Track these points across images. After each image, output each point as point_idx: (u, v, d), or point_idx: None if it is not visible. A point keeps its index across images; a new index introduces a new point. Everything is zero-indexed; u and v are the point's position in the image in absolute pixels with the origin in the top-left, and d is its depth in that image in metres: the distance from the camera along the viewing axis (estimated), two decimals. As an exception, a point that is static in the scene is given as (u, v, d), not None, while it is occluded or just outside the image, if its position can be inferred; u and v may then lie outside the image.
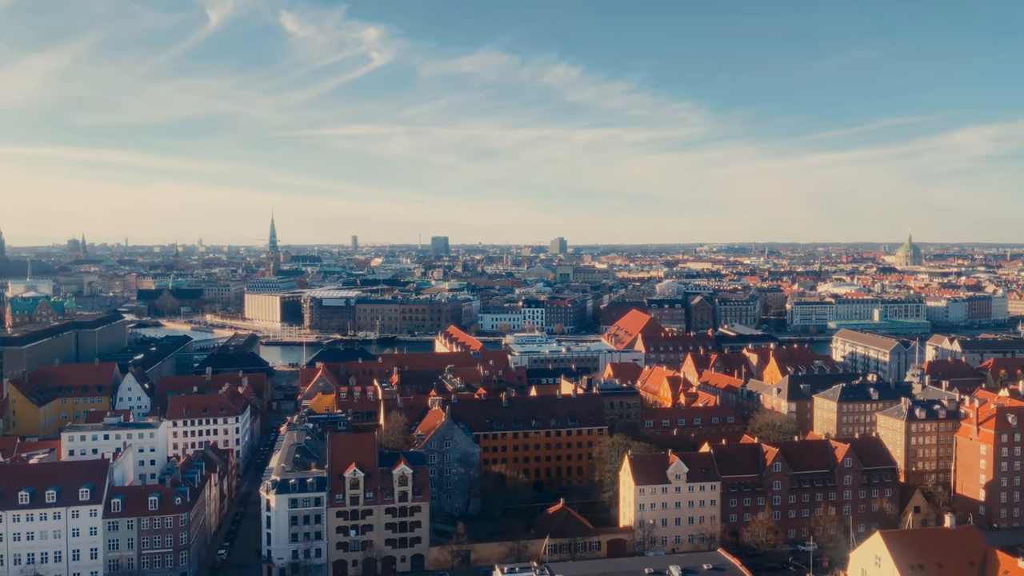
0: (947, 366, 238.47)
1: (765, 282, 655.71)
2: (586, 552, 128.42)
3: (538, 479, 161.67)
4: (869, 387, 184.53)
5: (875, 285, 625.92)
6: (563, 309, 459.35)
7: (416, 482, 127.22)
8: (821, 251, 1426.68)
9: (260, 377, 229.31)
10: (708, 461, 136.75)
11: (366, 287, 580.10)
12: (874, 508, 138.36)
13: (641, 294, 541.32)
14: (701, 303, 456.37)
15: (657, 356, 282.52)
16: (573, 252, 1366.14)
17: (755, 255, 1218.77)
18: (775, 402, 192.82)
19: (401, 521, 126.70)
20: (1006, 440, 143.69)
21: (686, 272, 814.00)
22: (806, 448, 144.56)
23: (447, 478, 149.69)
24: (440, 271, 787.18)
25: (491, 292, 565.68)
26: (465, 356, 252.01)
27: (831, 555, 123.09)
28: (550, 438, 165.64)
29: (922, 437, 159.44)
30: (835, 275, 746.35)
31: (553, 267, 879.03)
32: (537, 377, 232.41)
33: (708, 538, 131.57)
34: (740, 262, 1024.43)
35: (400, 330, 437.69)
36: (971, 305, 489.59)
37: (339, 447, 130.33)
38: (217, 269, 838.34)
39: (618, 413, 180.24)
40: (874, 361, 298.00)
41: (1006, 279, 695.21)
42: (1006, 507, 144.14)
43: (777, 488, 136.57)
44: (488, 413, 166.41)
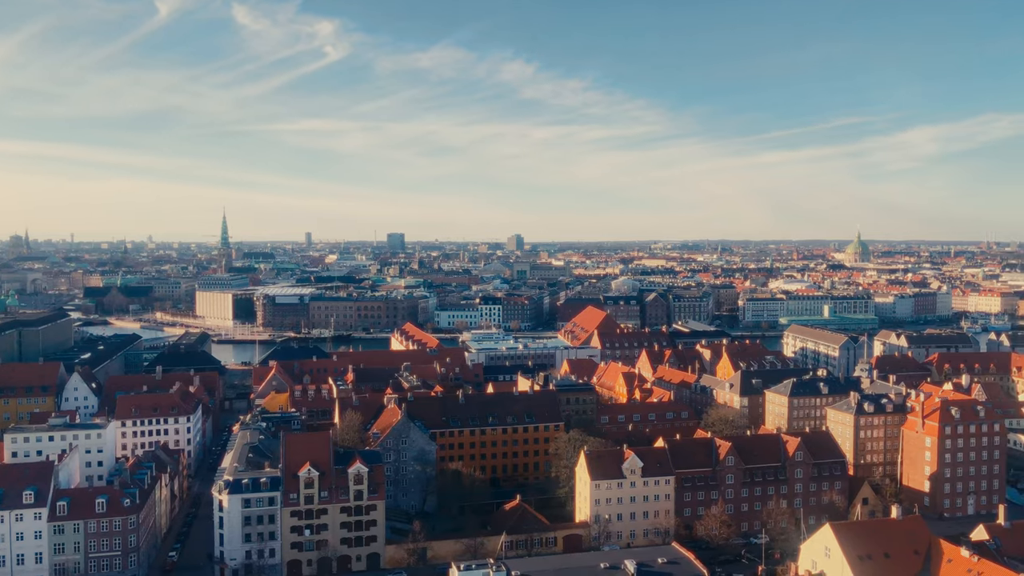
0: (894, 361, 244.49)
1: (718, 279, 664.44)
2: (542, 548, 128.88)
3: (495, 476, 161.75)
4: (819, 382, 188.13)
5: (825, 282, 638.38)
6: (520, 306, 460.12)
7: (372, 480, 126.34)
8: (773, 248, 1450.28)
9: (212, 376, 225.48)
10: (662, 456, 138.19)
11: (320, 284, 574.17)
12: (824, 500, 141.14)
13: (597, 291, 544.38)
14: (656, 300, 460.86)
15: (613, 352, 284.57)
16: (530, 249, 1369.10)
17: (709, 252, 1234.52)
18: (728, 397, 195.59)
19: (356, 520, 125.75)
20: (949, 432, 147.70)
21: (641, 269, 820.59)
22: (758, 442, 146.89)
23: (403, 476, 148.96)
24: (396, 268, 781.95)
25: (448, 289, 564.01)
26: (421, 354, 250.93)
27: (783, 547, 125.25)
28: (507, 435, 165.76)
29: (870, 430, 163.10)
30: (786, 272, 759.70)
31: (510, 264, 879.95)
32: (494, 374, 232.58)
33: (663, 532, 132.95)
34: (694, 259, 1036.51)
35: (355, 328, 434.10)
36: (917, 301, 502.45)
37: (293, 446, 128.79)
38: (167, 266, 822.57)
39: (574, 409, 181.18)
40: (824, 356, 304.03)
41: (950, 276, 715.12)
42: (949, 497, 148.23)
43: (730, 482, 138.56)
44: (445, 410, 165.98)
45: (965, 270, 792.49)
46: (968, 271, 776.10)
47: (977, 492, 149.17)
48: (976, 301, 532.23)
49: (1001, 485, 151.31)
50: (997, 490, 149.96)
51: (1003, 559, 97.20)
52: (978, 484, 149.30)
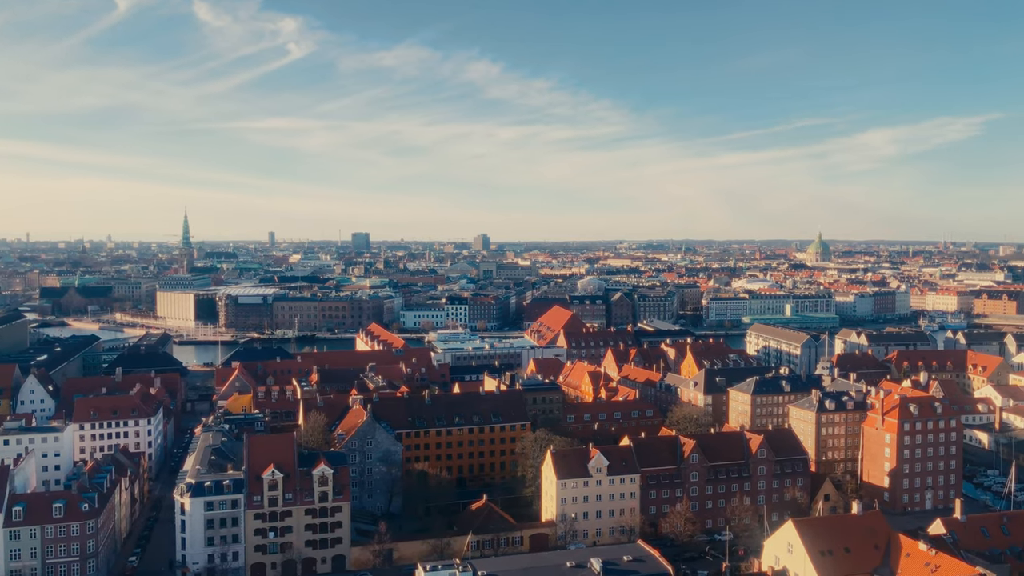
0: (855, 359, 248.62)
1: (682, 278, 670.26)
2: (509, 547, 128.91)
3: (461, 476, 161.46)
4: (781, 380, 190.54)
5: (787, 281, 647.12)
6: (486, 306, 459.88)
7: (337, 482, 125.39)
8: (736, 248, 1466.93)
9: (173, 377, 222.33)
10: (628, 454, 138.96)
11: (284, 284, 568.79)
12: (787, 497, 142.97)
13: (563, 290, 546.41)
14: (621, 299, 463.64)
15: (579, 351, 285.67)
16: (496, 249, 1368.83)
17: (673, 252, 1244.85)
18: (692, 395, 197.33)
19: (322, 522, 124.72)
20: (908, 429, 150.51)
21: (607, 269, 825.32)
22: (722, 440, 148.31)
23: (369, 477, 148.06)
24: (361, 268, 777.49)
25: (413, 289, 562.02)
26: (387, 354, 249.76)
27: (746, 543, 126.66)
28: (473, 435, 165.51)
29: (831, 427, 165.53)
30: (749, 271, 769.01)
31: (476, 264, 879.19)
32: (460, 374, 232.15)
33: (628, 530, 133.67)
34: (659, 259, 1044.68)
35: (320, 328, 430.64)
36: (877, 300, 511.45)
37: (257, 448, 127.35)
38: (127, 266, 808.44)
39: (541, 408, 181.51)
40: (786, 354, 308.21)
41: (909, 275, 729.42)
42: (908, 492, 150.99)
43: (694, 479, 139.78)
44: (411, 411, 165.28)
45: (923, 270, 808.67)
46: (926, 271, 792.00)
47: (935, 487, 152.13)
48: (934, 300, 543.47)
49: (958, 480, 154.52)
50: (954, 485, 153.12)
51: (959, 552, 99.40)
52: (936, 479, 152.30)
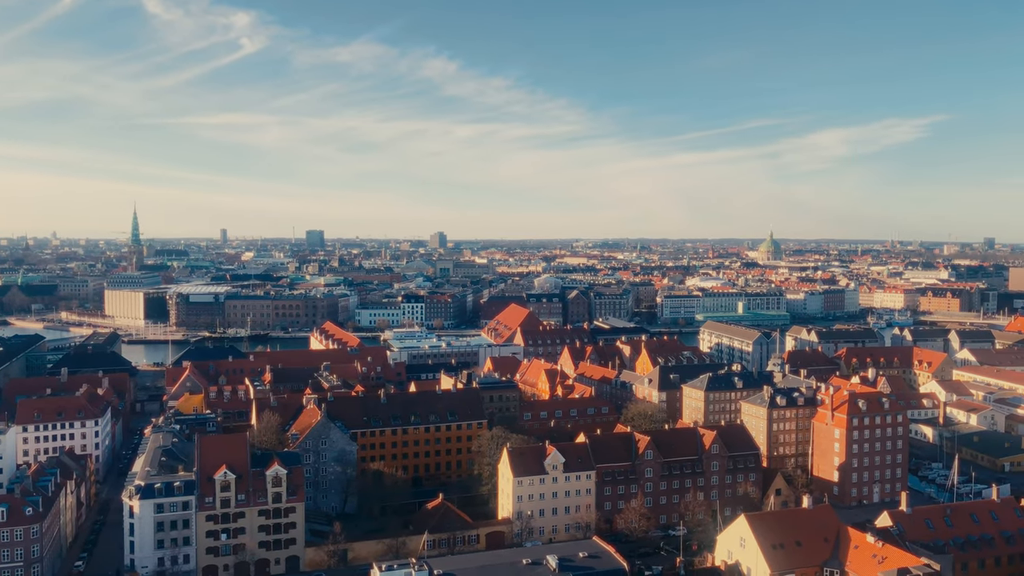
0: (805, 355, 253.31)
1: (637, 276, 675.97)
2: (465, 546, 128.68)
3: (417, 475, 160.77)
4: (734, 376, 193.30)
5: (739, 279, 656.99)
6: (443, 304, 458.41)
7: (291, 482, 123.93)
8: (690, 247, 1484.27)
9: (122, 378, 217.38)
10: (584, 451, 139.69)
11: (237, 282, 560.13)
12: (739, 492, 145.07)
13: (520, 288, 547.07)
14: (578, 297, 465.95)
15: (536, 349, 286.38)
16: (453, 247, 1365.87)
17: (628, 250, 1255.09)
18: (647, 392, 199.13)
19: (275, 523, 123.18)
20: (857, 424, 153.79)
21: (563, 267, 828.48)
22: (676, 436, 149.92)
23: (323, 477, 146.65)
24: (315, 266, 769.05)
25: (369, 287, 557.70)
26: (342, 353, 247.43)
27: (700, 538, 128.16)
28: (429, 434, 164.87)
29: (782, 423, 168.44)
30: (702, 270, 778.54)
31: (433, 262, 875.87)
32: (417, 373, 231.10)
33: (584, 526, 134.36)
34: (614, 257, 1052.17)
35: (273, 327, 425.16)
36: (827, 298, 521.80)
37: (208, 449, 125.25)
38: (73, 264, 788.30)
39: (497, 407, 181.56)
40: (738, 351, 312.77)
41: (857, 273, 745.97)
42: (856, 486, 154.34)
43: (649, 475, 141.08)
44: (366, 410, 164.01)
45: (871, 268, 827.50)
46: (874, 269, 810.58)
47: (882, 481, 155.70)
48: (881, 298, 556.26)
49: (904, 473, 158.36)
50: (900, 478, 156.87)
51: (905, 544, 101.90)
52: (883, 473, 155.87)
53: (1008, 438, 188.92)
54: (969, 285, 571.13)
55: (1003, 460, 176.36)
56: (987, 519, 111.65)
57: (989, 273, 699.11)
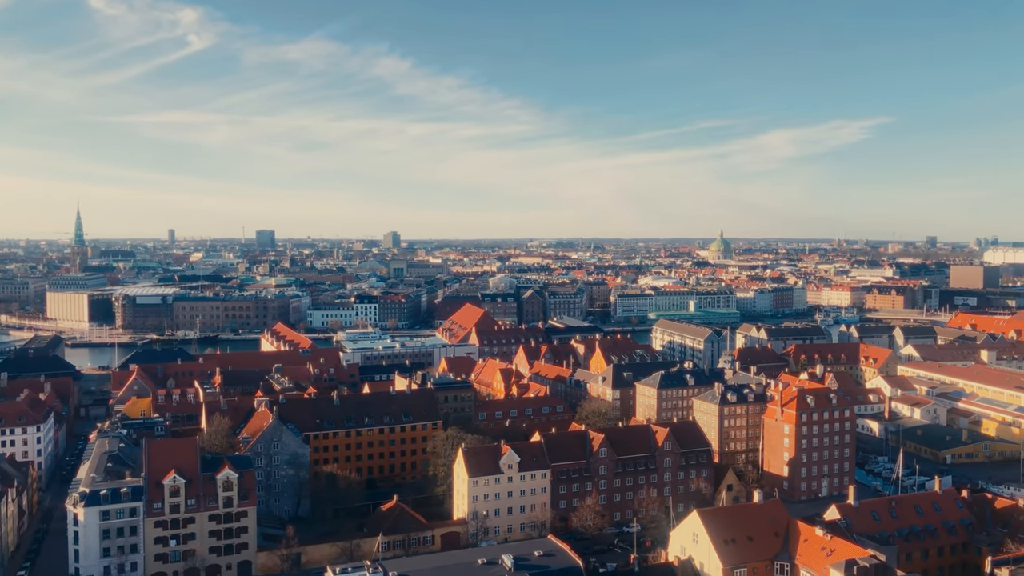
0: (755, 353, 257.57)
1: (591, 276, 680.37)
2: (420, 547, 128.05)
3: (371, 477, 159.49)
4: (686, 374, 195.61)
5: (691, 278, 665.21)
6: (397, 304, 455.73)
7: (242, 486, 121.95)
8: (642, 246, 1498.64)
9: (65, 382, 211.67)
10: (539, 450, 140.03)
11: (185, 283, 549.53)
12: (692, 488, 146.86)
13: (475, 288, 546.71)
14: (532, 296, 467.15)
15: (491, 349, 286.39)
16: (407, 247, 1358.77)
17: (582, 250, 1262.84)
18: (601, 390, 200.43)
19: (226, 527, 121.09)
20: (805, 419, 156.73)
21: (518, 266, 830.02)
22: (629, 433, 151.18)
23: (276, 481, 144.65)
24: (266, 266, 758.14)
25: (321, 288, 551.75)
26: (294, 354, 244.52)
27: (653, 535, 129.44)
28: (383, 435, 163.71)
29: (733, 419, 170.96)
30: (655, 269, 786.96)
31: (386, 262, 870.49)
32: (370, 374, 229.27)
33: (539, 525, 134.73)
34: (568, 257, 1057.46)
35: (223, 329, 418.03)
36: (776, 296, 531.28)
37: (157, 453, 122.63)
38: (13, 265, 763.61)
39: (452, 407, 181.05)
40: (690, 349, 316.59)
41: (805, 272, 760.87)
42: (805, 481, 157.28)
43: (603, 473, 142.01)
44: (318, 412, 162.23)
45: (819, 266, 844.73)
46: (821, 267, 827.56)
47: (830, 475, 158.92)
48: (829, 295, 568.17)
49: (851, 467, 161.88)
50: (848, 472, 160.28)
51: (853, 536, 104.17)
52: (831, 467, 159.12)
53: (949, 431, 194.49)
54: (912, 283, 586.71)
55: (945, 453, 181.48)
56: (930, 510, 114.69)
57: (931, 271, 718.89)
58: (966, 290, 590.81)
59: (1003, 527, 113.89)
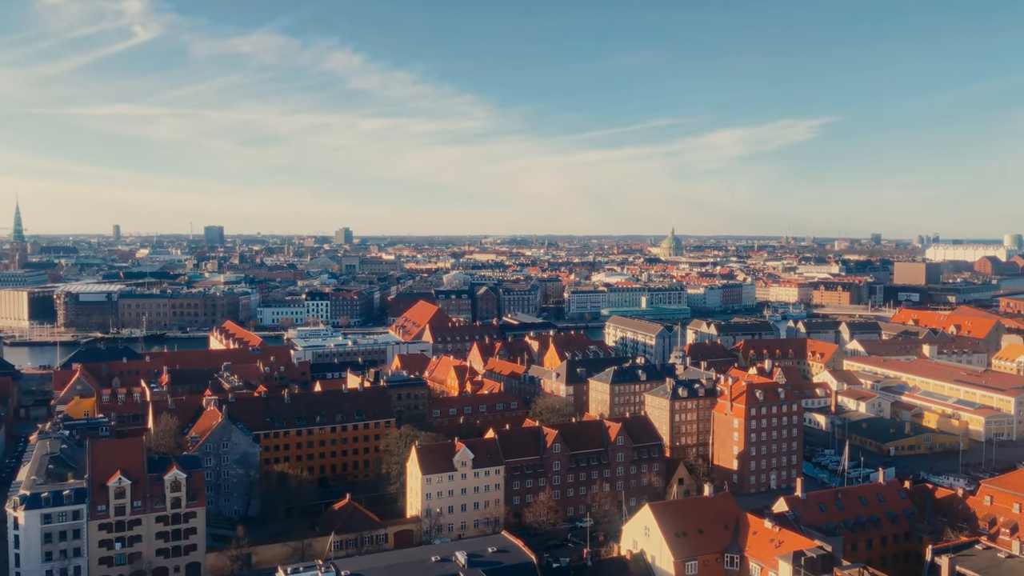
0: (705, 348, 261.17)
1: (545, 272, 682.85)
2: (373, 545, 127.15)
3: (324, 476, 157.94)
4: (638, 369, 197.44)
5: (643, 275, 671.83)
6: (349, 301, 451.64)
7: (190, 487, 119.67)
8: (595, 243, 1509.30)
9: (4, 382, 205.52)
10: (492, 446, 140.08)
11: (131, 280, 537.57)
12: (644, 482, 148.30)
13: (429, 285, 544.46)
14: (486, 293, 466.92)
15: (445, 346, 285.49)
16: (359, 243, 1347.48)
17: (536, 247, 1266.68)
18: (555, 386, 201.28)
19: (174, 529, 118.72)
20: (754, 414, 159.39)
21: (472, 263, 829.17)
22: (582, 429, 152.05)
23: (225, 480, 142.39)
24: (215, 263, 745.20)
25: (272, 285, 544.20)
26: (243, 352, 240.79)
27: (606, 529, 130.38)
28: (335, 433, 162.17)
29: (684, 414, 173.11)
30: (607, 265, 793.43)
31: (338, 258, 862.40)
32: (322, 372, 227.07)
33: (493, 521, 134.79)
34: (523, 253, 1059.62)
35: (170, 326, 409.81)
36: (725, 292, 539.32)
37: (101, 454, 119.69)
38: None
39: (406, 404, 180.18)
40: (642, 345, 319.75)
41: (754, 268, 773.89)
42: (755, 474, 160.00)
43: (557, 468, 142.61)
44: (269, 411, 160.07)
45: (767, 263, 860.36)
46: (770, 264, 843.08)
47: (779, 468, 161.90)
48: (777, 292, 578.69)
49: (799, 460, 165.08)
50: (795, 465, 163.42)
51: (800, 528, 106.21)
52: (779, 460, 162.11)
53: (893, 424, 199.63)
54: (858, 279, 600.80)
55: (889, 445, 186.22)
56: (874, 501, 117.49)
57: (876, 268, 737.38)
58: (909, 286, 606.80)
59: (943, 516, 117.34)
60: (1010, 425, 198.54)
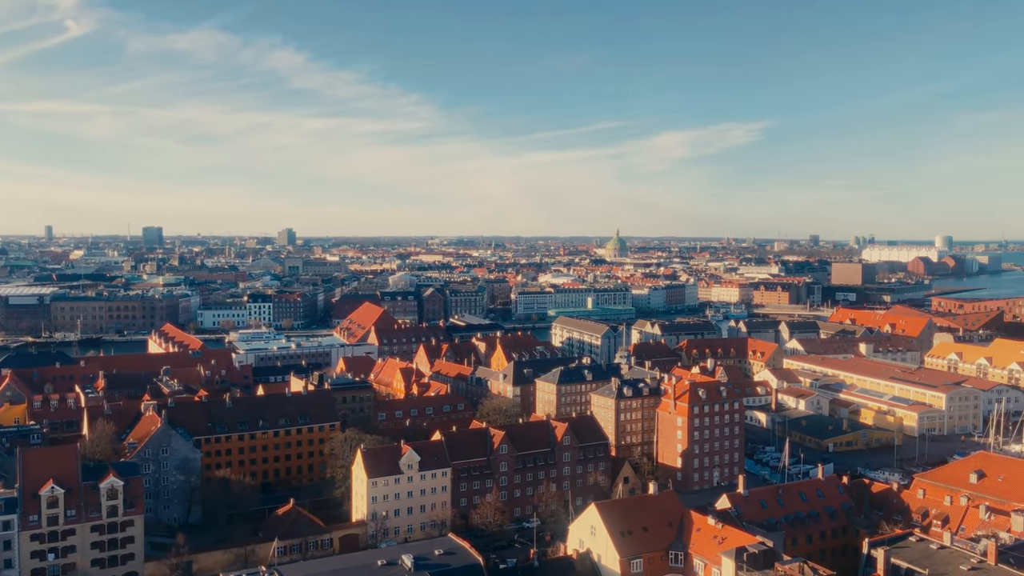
0: (649, 348, 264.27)
1: (492, 273, 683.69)
2: (318, 550, 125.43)
3: (267, 481, 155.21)
4: (584, 369, 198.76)
5: (589, 276, 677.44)
6: (292, 303, 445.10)
7: (128, 494, 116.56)
8: (542, 244, 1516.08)
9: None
10: (439, 448, 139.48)
11: (64, 283, 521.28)
12: (590, 481, 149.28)
13: (374, 287, 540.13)
14: (433, 295, 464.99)
15: (391, 348, 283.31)
16: (303, 244, 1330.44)
17: (483, 248, 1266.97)
18: (502, 387, 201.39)
19: (111, 538, 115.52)
20: (698, 412, 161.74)
21: (418, 264, 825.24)
22: (529, 429, 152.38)
23: (165, 487, 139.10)
24: (153, 264, 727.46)
25: (212, 287, 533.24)
26: (183, 356, 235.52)
27: (553, 529, 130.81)
28: (279, 438, 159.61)
29: (629, 413, 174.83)
30: (554, 267, 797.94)
31: (281, 260, 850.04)
32: (265, 375, 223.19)
33: (440, 524, 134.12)
34: (470, 255, 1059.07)
35: (107, 330, 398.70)
36: (669, 293, 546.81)
37: (32, 462, 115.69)
38: None
39: (351, 408, 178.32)
40: (588, 345, 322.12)
41: (697, 269, 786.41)
42: (698, 471, 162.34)
43: (504, 469, 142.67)
44: (210, 416, 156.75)
45: (709, 264, 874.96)
46: (712, 265, 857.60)
47: (721, 465, 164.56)
48: (719, 292, 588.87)
49: (741, 458, 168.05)
50: (738, 462, 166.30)
51: (742, 524, 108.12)
52: (722, 457, 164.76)
53: (831, 421, 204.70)
54: (797, 279, 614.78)
55: (827, 441, 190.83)
56: (814, 496, 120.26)
57: (814, 268, 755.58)
58: (846, 286, 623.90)
59: (879, 510, 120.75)
60: (942, 421, 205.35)
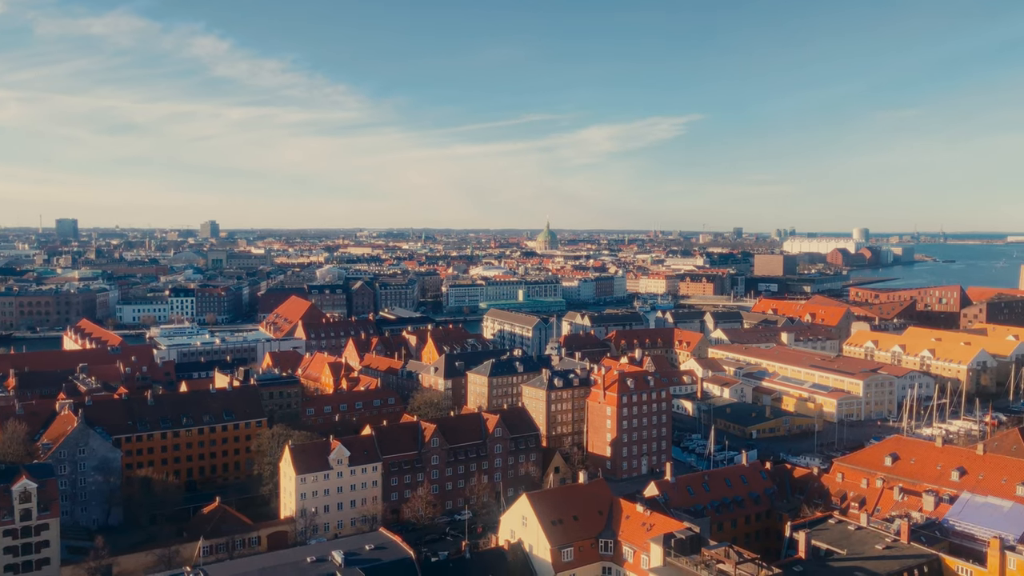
0: (579, 339, 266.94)
1: (423, 266, 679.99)
2: (246, 549, 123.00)
3: (191, 479, 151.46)
4: (515, 361, 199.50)
5: (520, 268, 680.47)
6: (216, 297, 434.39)
7: (42, 497, 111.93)
8: (473, 237, 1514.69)
9: None
10: (369, 443, 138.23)
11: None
12: (521, 472, 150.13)
13: (301, 280, 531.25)
14: (362, 288, 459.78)
15: (319, 343, 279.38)
16: (227, 236, 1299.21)
17: (413, 240, 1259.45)
18: (433, 380, 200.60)
19: (24, 543, 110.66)
20: (626, 401, 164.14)
21: (347, 257, 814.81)
22: (461, 422, 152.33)
23: (83, 489, 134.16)
24: (68, 258, 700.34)
25: (132, 281, 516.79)
26: (101, 353, 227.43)
27: (485, 520, 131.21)
28: (203, 435, 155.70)
29: (560, 404, 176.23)
30: (485, 259, 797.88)
31: (204, 253, 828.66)
32: (188, 371, 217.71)
33: (370, 519, 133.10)
34: (399, 247, 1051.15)
35: (18, 326, 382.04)
36: (598, 284, 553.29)
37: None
38: None
39: (278, 403, 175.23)
40: (519, 337, 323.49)
41: (625, 261, 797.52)
42: (627, 460, 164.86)
43: (435, 463, 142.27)
44: (131, 414, 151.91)
45: (637, 256, 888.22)
46: (640, 257, 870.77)
47: (649, 453, 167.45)
48: (646, 283, 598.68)
49: (668, 445, 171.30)
50: (665, 450, 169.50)
51: (670, 511, 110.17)
52: (650, 446, 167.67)
53: (755, 408, 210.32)
54: (721, 271, 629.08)
55: (751, 428, 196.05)
56: (738, 482, 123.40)
57: (738, 260, 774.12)
58: (768, 277, 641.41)
59: (800, 494, 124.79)
60: (859, 406, 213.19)
